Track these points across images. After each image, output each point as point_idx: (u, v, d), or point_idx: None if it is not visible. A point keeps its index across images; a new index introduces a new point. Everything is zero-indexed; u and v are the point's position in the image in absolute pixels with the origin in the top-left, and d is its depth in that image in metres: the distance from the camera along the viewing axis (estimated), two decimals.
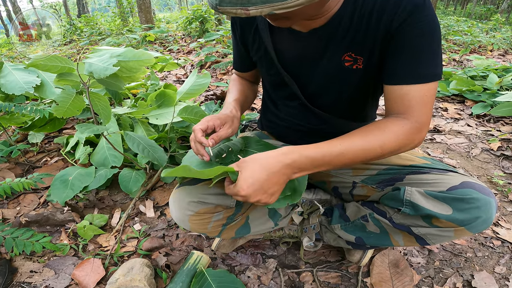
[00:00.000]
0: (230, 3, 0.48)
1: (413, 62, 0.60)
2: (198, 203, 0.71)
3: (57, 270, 0.98)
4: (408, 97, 0.61)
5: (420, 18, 0.58)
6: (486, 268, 1.00)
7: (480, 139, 1.74)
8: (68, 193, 1.03)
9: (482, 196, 0.60)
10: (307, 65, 0.73)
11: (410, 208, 0.65)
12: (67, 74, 0.80)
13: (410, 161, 0.74)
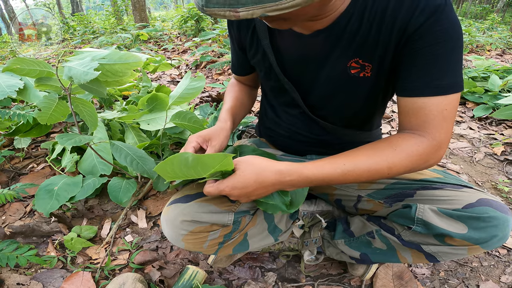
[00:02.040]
0: (217, 4, 0.42)
1: (431, 71, 0.53)
2: (192, 222, 0.65)
3: (44, 283, 0.93)
4: (425, 111, 0.55)
5: (441, 21, 0.51)
6: (492, 278, 0.98)
7: (483, 143, 1.70)
8: (53, 204, 0.96)
9: (501, 215, 0.55)
10: (309, 71, 0.67)
11: (422, 226, 0.60)
12: (47, 79, 0.73)
13: (420, 174, 0.69)
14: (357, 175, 0.56)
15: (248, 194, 0.59)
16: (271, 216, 0.79)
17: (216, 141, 0.68)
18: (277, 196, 0.63)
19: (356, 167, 0.56)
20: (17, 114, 1.04)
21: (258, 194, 0.59)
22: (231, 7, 0.42)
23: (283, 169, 0.57)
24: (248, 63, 0.81)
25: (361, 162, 0.56)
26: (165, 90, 1.45)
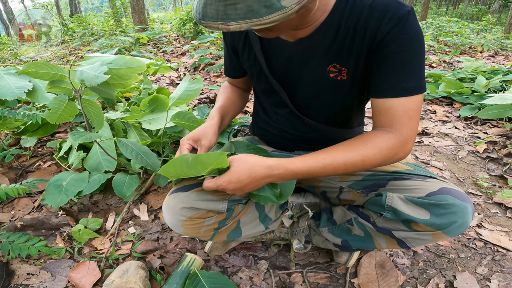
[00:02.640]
0: (212, 18, 0.51)
1: (397, 75, 0.61)
2: (190, 208, 0.74)
3: (53, 272, 1.00)
4: (392, 110, 0.63)
5: (404, 30, 0.59)
6: (468, 269, 1.03)
7: (467, 142, 1.79)
8: (63, 198, 1.04)
9: (459, 202, 0.63)
10: (293, 74, 0.75)
11: (391, 213, 0.68)
12: (59, 82, 0.81)
13: (393, 167, 0.77)
14: (335, 168, 0.64)
15: (242, 188, 0.66)
16: (262, 206, 0.87)
17: (205, 140, 0.75)
18: (268, 189, 0.71)
19: (335, 161, 0.64)
20: (27, 115, 1.12)
21: (251, 187, 0.67)
22: (223, 21, 0.51)
23: (272, 164, 0.64)
24: (240, 67, 0.89)
25: (339, 157, 0.64)
26: (165, 92, 1.53)
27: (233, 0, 0.48)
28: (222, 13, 0.50)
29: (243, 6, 0.48)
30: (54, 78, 0.79)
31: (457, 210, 0.63)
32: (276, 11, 0.48)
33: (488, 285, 0.97)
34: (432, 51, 4.55)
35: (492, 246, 1.12)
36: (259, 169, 0.64)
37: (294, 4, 0.48)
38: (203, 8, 0.52)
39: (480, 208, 1.31)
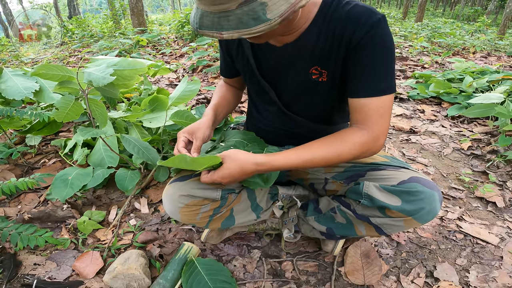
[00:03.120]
0: (207, 28, 0.59)
1: (369, 77, 0.69)
2: (188, 196, 0.81)
3: (59, 262, 1.06)
4: (365, 109, 0.71)
5: (377, 35, 0.67)
6: (448, 260, 1.08)
7: (452, 139, 1.87)
8: (68, 192, 1.11)
9: (426, 189, 0.71)
10: (281, 75, 0.83)
11: (368, 200, 0.76)
12: (67, 82, 0.89)
13: (372, 159, 0.85)
14: (314, 162, 0.73)
15: (235, 180, 0.75)
16: (254, 196, 0.95)
17: (199, 132, 0.84)
18: (257, 175, 0.80)
19: (314, 157, 0.72)
20: (34, 113, 1.19)
21: (242, 179, 0.76)
22: (217, 30, 0.59)
23: (259, 161, 0.73)
24: (234, 68, 0.97)
25: (317, 152, 0.73)
26: (164, 93, 1.61)
27: (225, 13, 0.56)
28: (217, 24, 0.58)
29: (234, 18, 0.56)
30: (63, 79, 0.86)
31: (425, 197, 0.70)
32: (262, 23, 0.56)
33: (467, 276, 1.02)
34: (425, 52, 4.65)
35: (472, 239, 1.18)
36: (249, 165, 0.73)
37: (277, 17, 0.56)
38: (200, 18, 0.60)
39: (462, 202, 1.39)
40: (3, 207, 1.31)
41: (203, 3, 0.58)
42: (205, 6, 0.58)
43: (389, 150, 1.79)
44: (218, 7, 0.56)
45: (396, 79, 3.23)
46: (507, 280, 1.00)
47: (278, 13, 0.56)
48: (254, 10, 0.56)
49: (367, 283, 0.99)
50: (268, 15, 0.56)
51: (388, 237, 1.17)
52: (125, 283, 0.94)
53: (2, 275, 1.00)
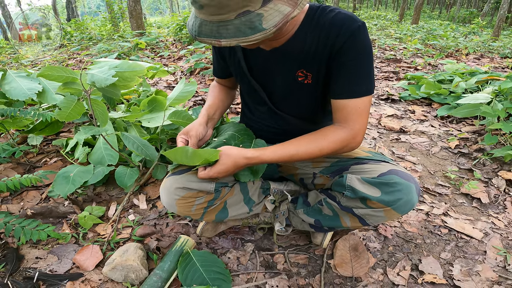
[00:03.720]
0: (206, 35, 0.64)
1: (349, 80, 0.76)
2: (184, 189, 0.87)
3: (60, 256, 1.11)
4: (346, 109, 0.78)
5: (355, 42, 0.73)
6: (433, 253, 1.13)
7: (441, 138, 1.94)
8: (70, 188, 1.16)
9: (404, 181, 0.77)
10: (270, 77, 0.89)
11: (351, 191, 0.82)
12: (71, 83, 0.94)
13: (356, 154, 0.91)
14: (299, 156, 0.80)
15: (229, 174, 0.83)
16: (246, 189, 1.00)
17: (193, 131, 0.91)
18: (247, 169, 0.89)
19: (299, 151, 0.80)
20: (37, 113, 1.24)
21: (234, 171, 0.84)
22: (216, 38, 0.64)
23: (249, 156, 0.80)
24: (227, 69, 1.03)
25: (302, 148, 0.80)
26: (162, 94, 1.67)
27: (224, 23, 0.61)
28: (216, 32, 0.63)
29: (232, 27, 0.61)
30: (67, 80, 0.92)
31: (402, 188, 0.76)
32: (258, 32, 0.61)
33: (451, 270, 1.06)
34: (419, 54, 4.73)
35: (456, 233, 1.22)
36: (241, 160, 0.80)
37: (272, 27, 0.61)
38: (199, 27, 0.64)
39: (448, 198, 1.45)
40: (6, 204, 1.36)
41: (203, 13, 0.62)
42: (205, 16, 0.63)
43: (379, 149, 1.85)
44: (218, 17, 0.61)
45: (389, 80, 3.31)
46: (490, 275, 1.04)
47: (273, 23, 0.61)
48: (251, 21, 0.60)
49: (355, 275, 1.04)
50: (264, 25, 0.61)
51: (376, 232, 1.23)
52: (123, 274, 0.99)
53: (5, 268, 1.04)
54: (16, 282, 0.99)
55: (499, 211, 1.36)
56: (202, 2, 0.61)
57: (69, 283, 0.99)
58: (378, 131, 2.11)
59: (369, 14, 19.36)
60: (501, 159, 1.68)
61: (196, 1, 0.62)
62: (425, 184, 1.54)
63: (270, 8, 0.61)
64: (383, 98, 2.72)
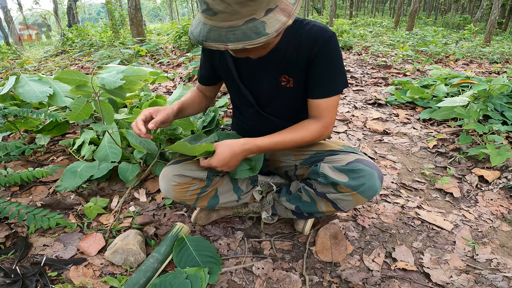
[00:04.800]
0: (214, 40, 0.72)
1: (323, 83, 0.91)
2: (180, 176, 1.00)
3: (65, 243, 1.20)
4: (320, 107, 0.93)
5: (330, 48, 0.88)
6: (406, 243, 1.22)
7: (421, 139, 2.08)
8: (77, 181, 1.29)
9: (367, 168, 0.90)
10: (257, 82, 1.02)
11: (323, 178, 0.95)
12: (83, 86, 1.08)
13: (330, 147, 1.05)
14: (285, 145, 0.95)
15: (227, 163, 0.93)
16: (235, 179, 1.13)
17: (160, 116, 0.97)
18: (244, 163, 1.00)
19: (285, 139, 0.95)
20: (48, 114, 1.38)
21: (233, 163, 0.95)
22: (223, 42, 0.71)
23: (244, 141, 0.94)
24: (213, 76, 1.14)
25: (287, 136, 0.95)
26: (162, 98, 1.80)
27: (232, 28, 0.70)
28: (224, 37, 0.70)
29: (240, 32, 0.70)
30: (80, 83, 1.05)
31: (365, 174, 0.89)
32: (262, 36, 0.70)
33: (422, 258, 1.15)
34: (409, 61, 4.90)
35: (428, 225, 1.32)
36: (236, 146, 0.93)
37: (274, 32, 0.71)
38: (207, 32, 0.72)
39: (423, 193, 1.58)
40: (16, 197, 1.48)
41: (215, 19, 0.70)
42: (215, 22, 0.71)
43: (363, 149, 1.99)
44: (228, 23, 0.70)
45: (378, 86, 3.46)
46: (458, 263, 1.12)
47: (274, 29, 0.71)
48: (256, 27, 0.70)
49: (334, 260, 1.14)
50: (267, 30, 0.71)
51: (355, 222, 1.35)
52: (123, 258, 1.09)
53: (14, 255, 1.13)
54: (24, 267, 1.07)
55: (470, 205, 1.48)
56: (216, 9, 0.69)
57: (73, 267, 1.08)
58: (363, 133, 2.24)
59: (366, 21, 19.68)
60: (475, 157, 1.81)
61: (211, 8, 0.69)
62: (402, 180, 1.67)
63: (271, 17, 0.71)
64: (371, 103, 2.87)
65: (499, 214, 1.40)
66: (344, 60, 5.17)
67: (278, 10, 0.73)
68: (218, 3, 0.68)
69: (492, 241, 1.25)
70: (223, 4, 0.68)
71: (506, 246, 1.23)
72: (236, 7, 0.68)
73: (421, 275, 1.08)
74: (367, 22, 19.09)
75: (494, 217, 1.39)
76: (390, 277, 1.07)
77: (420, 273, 1.09)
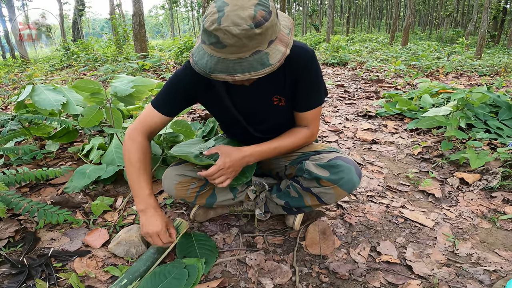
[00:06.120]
0: (221, 72, 0.76)
1: (308, 97, 1.04)
2: (181, 175, 1.12)
3: (72, 237, 1.28)
4: (307, 118, 1.07)
5: (310, 67, 0.98)
6: (390, 238, 1.30)
7: (407, 147, 2.21)
8: (86, 181, 1.41)
9: (345, 164, 1.02)
10: (250, 105, 1.09)
11: (308, 174, 1.07)
12: (97, 93, 1.22)
13: (316, 148, 1.17)
14: (280, 150, 1.07)
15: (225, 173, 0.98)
16: None
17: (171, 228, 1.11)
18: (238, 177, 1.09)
19: (281, 145, 1.07)
20: (61, 121, 1.51)
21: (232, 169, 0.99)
22: (230, 74, 0.75)
23: (243, 149, 1.02)
24: (183, 107, 1.11)
25: (282, 142, 1.08)
26: None
27: (240, 60, 0.75)
28: (231, 68, 0.75)
29: (247, 64, 0.75)
30: (94, 91, 1.19)
31: (344, 169, 1.01)
32: (267, 67, 0.76)
33: (405, 252, 1.22)
34: (401, 75, 5.11)
35: (411, 222, 1.41)
36: (236, 153, 1.00)
37: (276, 62, 0.78)
38: (215, 64, 0.76)
39: (407, 194, 1.69)
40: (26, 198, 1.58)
41: (223, 52, 0.74)
42: (223, 55, 0.75)
43: (352, 156, 2.11)
44: (236, 55, 0.74)
45: (370, 99, 3.63)
46: (439, 257, 1.20)
47: (276, 59, 0.77)
48: (261, 58, 0.75)
49: (322, 253, 1.23)
50: (271, 61, 0.77)
51: (342, 220, 1.45)
52: (126, 249, 1.18)
53: (22, 248, 1.19)
54: (31, 258, 1.14)
55: (451, 205, 1.58)
56: (226, 43, 0.73)
57: (78, 259, 1.15)
58: (353, 142, 2.38)
59: (362, 37, 20.23)
60: (457, 162, 1.93)
61: (221, 41, 0.73)
62: (388, 183, 1.78)
63: (273, 48, 0.78)
64: (362, 115, 3.02)
65: (479, 213, 1.50)
66: (339, 76, 5.36)
67: (277, 41, 0.79)
68: (229, 37, 0.72)
69: (473, 237, 1.33)
70: (234, 38, 0.72)
71: (487, 241, 1.31)
72: (246, 41, 0.72)
73: (404, 267, 1.16)
74: (363, 38, 19.61)
75: (475, 215, 1.48)
76: (374, 269, 1.15)
77: (403, 266, 1.17)
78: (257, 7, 0.74)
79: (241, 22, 0.72)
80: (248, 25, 0.72)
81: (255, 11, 0.73)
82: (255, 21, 0.73)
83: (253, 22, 0.73)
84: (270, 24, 0.75)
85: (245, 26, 0.72)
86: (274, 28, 0.78)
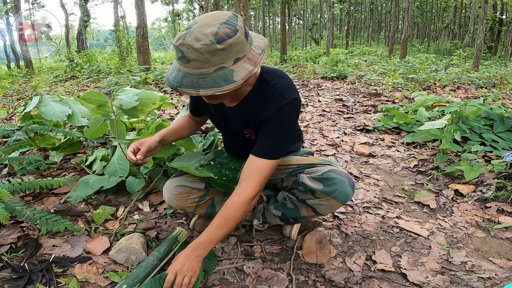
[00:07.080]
0: (186, 86, 0.80)
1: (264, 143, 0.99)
2: (181, 186, 1.17)
3: (73, 244, 1.29)
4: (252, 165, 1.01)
5: (281, 115, 0.96)
6: (385, 247, 1.32)
7: (403, 160, 2.25)
8: (89, 190, 1.45)
9: (339, 176, 1.06)
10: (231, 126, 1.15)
11: (303, 186, 1.11)
12: (103, 106, 1.28)
13: (311, 161, 1.20)
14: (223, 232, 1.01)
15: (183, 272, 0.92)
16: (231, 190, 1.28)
17: (147, 143, 1.11)
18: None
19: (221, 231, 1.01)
20: (66, 132, 1.56)
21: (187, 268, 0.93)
22: (195, 88, 0.79)
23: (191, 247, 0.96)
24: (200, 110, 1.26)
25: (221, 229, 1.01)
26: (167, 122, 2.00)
27: (203, 76, 0.78)
28: (195, 83, 0.78)
29: (210, 79, 0.78)
30: (101, 103, 1.25)
31: (337, 182, 1.05)
32: (231, 83, 0.78)
33: (400, 260, 1.24)
34: (399, 88, 5.19)
35: (406, 232, 1.43)
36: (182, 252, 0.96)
37: (241, 79, 0.80)
38: (181, 79, 0.79)
39: (402, 205, 1.72)
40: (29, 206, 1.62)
41: (188, 66, 0.78)
42: (188, 69, 0.79)
43: (349, 169, 2.15)
44: (199, 70, 0.78)
45: (367, 113, 3.69)
46: (434, 266, 1.21)
47: (241, 77, 0.79)
48: (225, 74, 0.78)
49: (319, 262, 1.26)
50: (235, 78, 0.79)
51: (339, 230, 1.48)
52: (126, 256, 1.20)
53: (24, 254, 1.20)
54: (32, 263, 1.15)
55: (446, 215, 1.61)
56: (190, 57, 0.77)
57: (78, 265, 1.17)
58: (350, 156, 2.42)
59: (361, 50, 20.56)
60: (452, 174, 1.97)
61: (185, 56, 0.77)
62: (384, 195, 1.82)
63: (239, 66, 0.80)
64: (359, 129, 3.07)
65: (473, 223, 1.52)
66: (338, 90, 5.44)
67: (245, 59, 0.81)
68: (191, 52, 0.76)
69: (467, 246, 1.35)
70: (196, 52, 0.76)
71: (481, 250, 1.33)
72: (208, 56, 0.76)
73: (399, 275, 1.18)
74: (362, 51, 19.93)
75: (469, 225, 1.50)
76: (370, 277, 1.17)
77: (398, 274, 1.18)
78: (222, 25, 0.79)
79: (202, 38, 0.76)
80: (209, 40, 0.76)
81: (218, 28, 0.78)
82: (217, 37, 0.77)
83: (215, 38, 0.77)
84: (234, 41, 0.79)
85: (206, 41, 0.76)
86: (240, 46, 0.81)
